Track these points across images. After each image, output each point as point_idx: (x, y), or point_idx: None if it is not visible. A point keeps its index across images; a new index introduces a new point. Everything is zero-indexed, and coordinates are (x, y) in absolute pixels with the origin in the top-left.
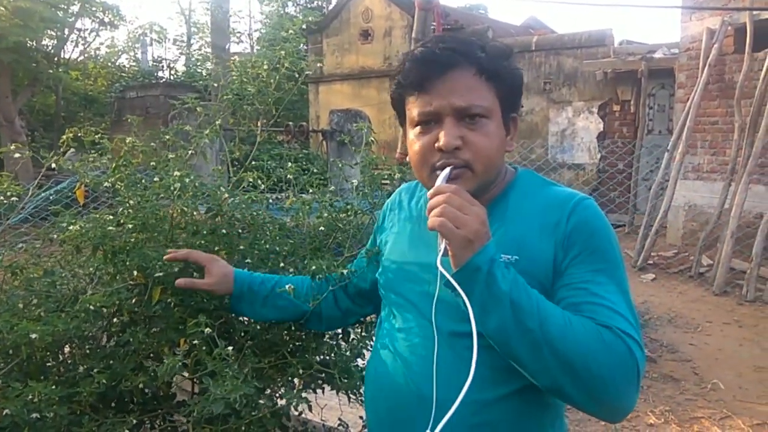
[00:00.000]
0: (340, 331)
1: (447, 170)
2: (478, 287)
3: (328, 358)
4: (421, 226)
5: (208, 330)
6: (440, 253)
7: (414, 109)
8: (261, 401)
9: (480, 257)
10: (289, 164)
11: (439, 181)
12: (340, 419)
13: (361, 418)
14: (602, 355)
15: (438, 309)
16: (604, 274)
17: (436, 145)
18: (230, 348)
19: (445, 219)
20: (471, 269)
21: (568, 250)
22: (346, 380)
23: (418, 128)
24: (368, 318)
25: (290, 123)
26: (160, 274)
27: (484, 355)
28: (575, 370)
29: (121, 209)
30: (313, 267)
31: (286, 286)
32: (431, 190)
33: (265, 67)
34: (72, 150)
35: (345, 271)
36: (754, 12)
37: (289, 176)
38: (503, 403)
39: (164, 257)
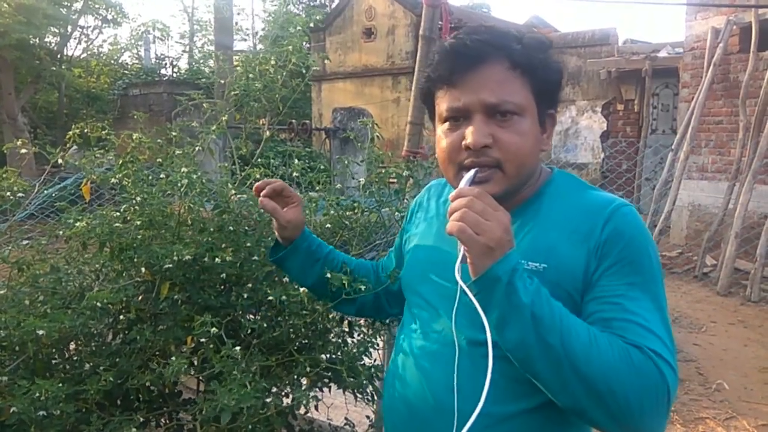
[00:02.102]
0: (347, 329)
1: (472, 172)
2: (497, 298)
3: (334, 356)
4: (446, 226)
5: (214, 330)
6: (459, 260)
7: (442, 104)
8: (268, 400)
9: (500, 266)
10: (296, 162)
11: (463, 183)
12: (346, 418)
13: (367, 417)
14: (629, 377)
15: (459, 315)
16: (639, 288)
17: (463, 143)
18: (237, 348)
19: (465, 224)
20: (490, 279)
21: (602, 260)
22: (352, 378)
23: (446, 124)
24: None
25: (293, 121)
26: (170, 265)
27: (505, 367)
28: (598, 392)
29: (125, 206)
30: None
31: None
32: (453, 193)
33: (273, 63)
34: (74, 147)
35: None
36: (760, 11)
37: (294, 174)
38: (524, 417)
39: (256, 185)
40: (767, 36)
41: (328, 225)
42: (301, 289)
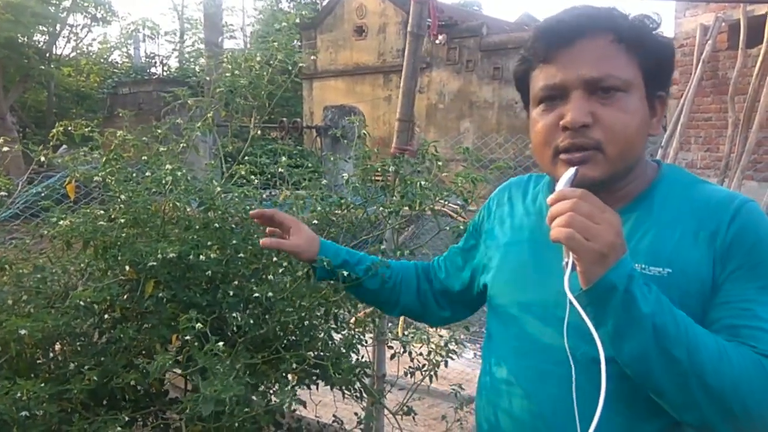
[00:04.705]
0: (334, 324)
1: (572, 171)
2: (612, 309)
3: (321, 353)
4: (542, 227)
5: (199, 326)
6: (567, 270)
7: (537, 83)
8: (254, 398)
9: (615, 273)
10: (283, 159)
11: (562, 183)
12: (334, 416)
13: (356, 414)
14: (763, 391)
15: (570, 328)
16: None
17: (561, 122)
18: (221, 344)
19: (573, 230)
20: (605, 288)
21: (727, 262)
22: (339, 375)
23: (541, 106)
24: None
25: (284, 119)
26: (154, 263)
27: (627, 386)
28: (730, 407)
29: (110, 204)
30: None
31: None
32: (552, 196)
33: (258, 59)
34: (64, 146)
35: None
36: (748, 8)
37: (280, 170)
38: None
39: (250, 213)
40: (755, 33)
41: (315, 221)
42: (287, 284)
